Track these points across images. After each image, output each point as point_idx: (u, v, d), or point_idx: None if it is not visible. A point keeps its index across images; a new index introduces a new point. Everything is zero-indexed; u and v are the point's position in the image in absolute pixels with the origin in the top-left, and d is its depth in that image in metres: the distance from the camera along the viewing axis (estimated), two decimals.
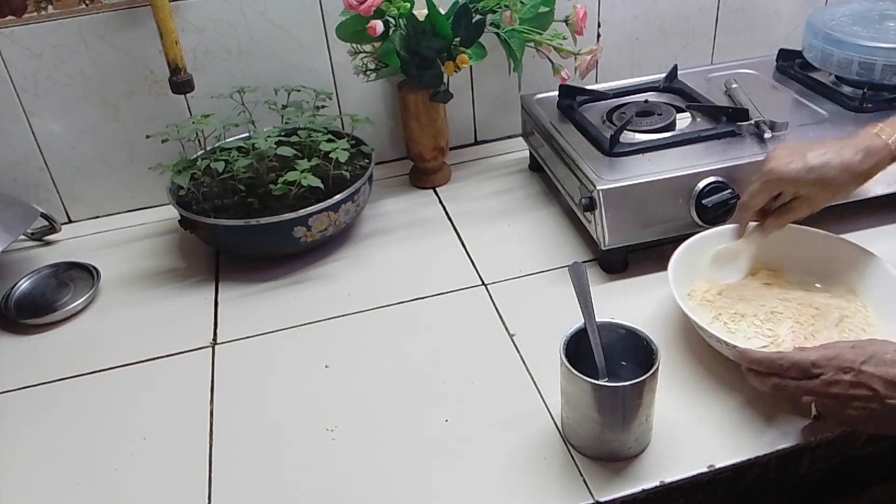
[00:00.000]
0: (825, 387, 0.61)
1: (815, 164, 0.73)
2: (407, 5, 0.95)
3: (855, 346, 0.62)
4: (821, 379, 0.61)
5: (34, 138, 1.03)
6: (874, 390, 0.59)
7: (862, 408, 0.60)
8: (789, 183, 0.74)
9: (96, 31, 0.98)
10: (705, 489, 0.66)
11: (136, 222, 1.10)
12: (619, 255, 0.90)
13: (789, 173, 0.73)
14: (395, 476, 0.67)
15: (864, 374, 0.60)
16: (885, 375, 0.59)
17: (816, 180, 0.72)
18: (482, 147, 1.22)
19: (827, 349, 0.63)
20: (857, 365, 0.60)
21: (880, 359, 0.60)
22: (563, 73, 1.03)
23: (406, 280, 0.92)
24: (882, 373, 0.59)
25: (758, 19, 1.24)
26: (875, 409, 0.60)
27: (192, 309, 0.91)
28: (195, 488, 0.68)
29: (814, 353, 0.63)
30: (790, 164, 0.73)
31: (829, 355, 0.62)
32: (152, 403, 0.78)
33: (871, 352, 0.61)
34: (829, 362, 0.61)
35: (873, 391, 0.59)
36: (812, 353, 0.63)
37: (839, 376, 0.61)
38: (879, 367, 0.60)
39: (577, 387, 0.63)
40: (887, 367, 0.60)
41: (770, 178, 0.75)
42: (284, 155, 0.91)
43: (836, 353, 0.62)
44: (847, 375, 0.60)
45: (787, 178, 0.73)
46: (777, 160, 0.75)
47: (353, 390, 0.77)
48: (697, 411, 0.70)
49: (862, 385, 0.60)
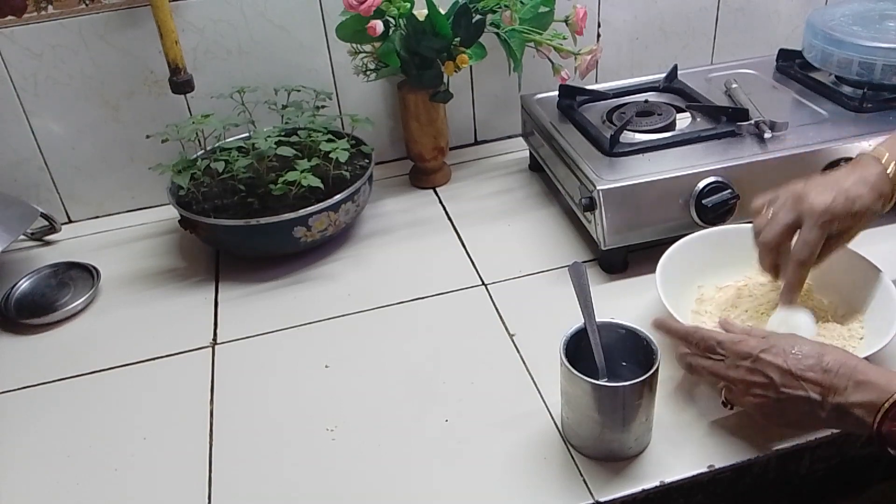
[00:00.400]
0: (726, 370, 0.63)
1: (854, 194, 0.69)
2: (407, 5, 0.95)
3: (766, 336, 0.64)
4: (724, 362, 0.64)
5: (34, 138, 1.03)
6: (769, 378, 0.60)
7: (760, 395, 0.62)
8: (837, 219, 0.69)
9: (96, 31, 0.98)
10: (705, 489, 0.66)
11: (136, 222, 1.10)
12: (619, 255, 0.90)
13: (839, 209, 0.69)
14: (395, 476, 0.67)
15: (760, 362, 0.61)
16: (781, 364, 0.60)
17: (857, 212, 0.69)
18: (482, 147, 1.22)
19: (735, 334, 0.65)
20: (755, 352, 0.62)
21: (780, 349, 0.61)
22: (563, 73, 1.03)
23: (406, 280, 0.92)
24: (780, 362, 0.60)
25: (758, 19, 1.24)
26: (771, 397, 0.61)
27: (192, 309, 0.91)
28: (195, 488, 0.68)
29: (723, 335, 0.65)
30: (836, 200, 0.69)
31: (734, 339, 0.64)
32: (152, 403, 0.78)
33: (774, 342, 0.62)
34: (732, 346, 0.63)
35: (768, 379, 0.61)
36: (721, 335, 0.65)
37: (739, 361, 0.62)
38: (777, 357, 0.61)
39: (577, 387, 0.63)
40: (785, 356, 0.60)
41: (825, 219, 0.69)
42: (284, 155, 0.91)
43: (741, 339, 0.63)
44: (746, 361, 0.62)
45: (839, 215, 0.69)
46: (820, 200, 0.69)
47: (353, 390, 0.77)
48: (697, 411, 0.70)
49: (758, 372, 0.61)
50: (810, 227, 0.69)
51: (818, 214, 0.69)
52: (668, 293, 0.75)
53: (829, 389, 0.59)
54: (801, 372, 0.60)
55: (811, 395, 0.59)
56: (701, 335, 0.66)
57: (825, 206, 0.69)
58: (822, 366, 0.59)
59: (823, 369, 0.59)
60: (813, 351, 0.61)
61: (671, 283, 0.77)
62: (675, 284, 0.79)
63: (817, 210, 0.69)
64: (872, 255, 0.77)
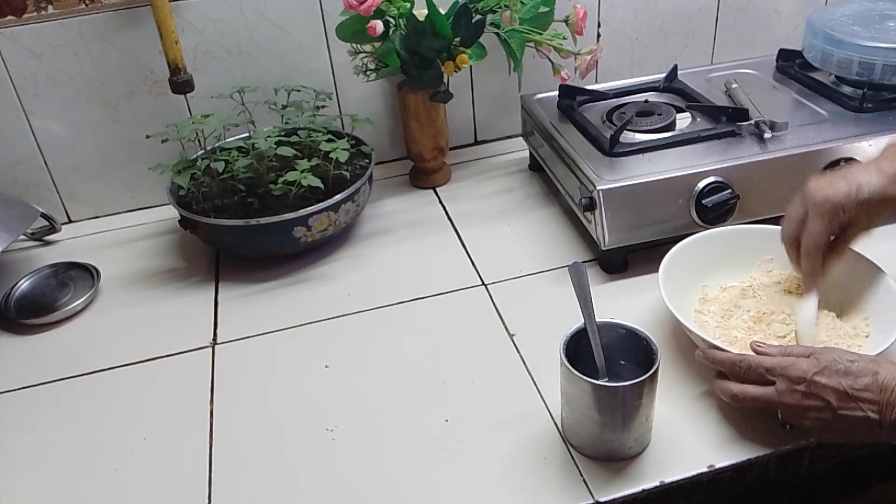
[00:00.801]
0: (779, 397, 0.62)
1: (862, 181, 0.69)
2: (407, 5, 0.95)
3: (811, 354, 0.62)
4: (775, 388, 0.62)
5: (34, 138, 1.03)
6: (826, 401, 0.59)
7: (816, 418, 0.60)
8: (843, 208, 0.69)
9: (96, 31, 0.98)
10: (705, 489, 0.66)
11: (136, 222, 1.10)
12: (619, 255, 0.90)
13: (840, 196, 0.69)
14: (395, 476, 0.67)
15: (816, 385, 0.60)
16: (837, 387, 0.59)
17: (866, 200, 0.69)
18: (482, 147, 1.22)
19: (784, 357, 0.63)
20: (809, 376, 0.60)
21: (833, 369, 0.60)
22: (563, 73, 1.03)
23: (406, 280, 0.92)
24: (835, 384, 0.59)
25: (758, 19, 1.24)
26: (829, 419, 0.60)
27: (192, 309, 0.91)
28: (195, 488, 0.68)
29: (770, 360, 0.63)
30: (837, 187, 0.69)
31: (784, 363, 0.62)
32: (152, 403, 0.78)
33: (825, 362, 0.60)
34: (783, 371, 0.61)
35: (825, 402, 0.59)
36: (767, 360, 0.63)
37: (793, 386, 0.61)
38: (832, 378, 0.59)
39: (577, 387, 0.63)
40: (840, 377, 0.59)
41: (825, 208, 0.69)
42: (284, 155, 0.91)
43: (791, 363, 0.62)
44: (800, 386, 0.60)
45: (840, 202, 0.69)
46: (821, 188, 0.70)
47: (353, 390, 0.77)
48: (697, 411, 0.70)
49: (814, 396, 0.60)
50: (812, 217, 0.70)
51: (818, 204, 0.69)
52: (670, 294, 0.75)
53: (886, 407, 0.58)
54: (857, 393, 0.58)
55: (869, 414, 0.58)
56: (748, 363, 0.64)
57: (825, 196, 0.69)
58: (878, 384, 0.58)
59: (880, 387, 0.58)
60: (867, 368, 0.59)
61: (673, 283, 0.77)
62: (677, 285, 0.79)
63: (818, 200, 0.69)
64: (873, 254, 0.77)
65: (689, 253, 0.81)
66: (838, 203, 0.69)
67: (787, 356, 0.63)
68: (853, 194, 0.69)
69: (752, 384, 0.64)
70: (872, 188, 0.68)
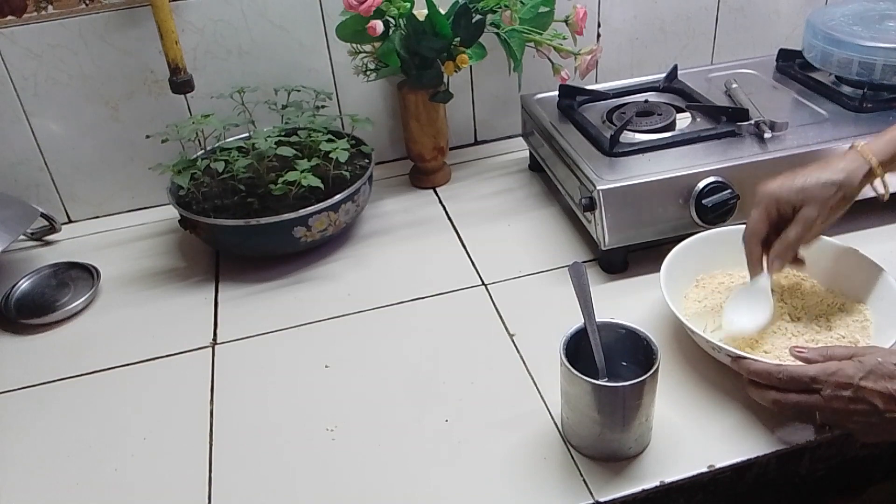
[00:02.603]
0: (825, 402, 0.61)
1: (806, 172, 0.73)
2: (407, 5, 0.95)
3: (854, 356, 0.62)
4: (821, 395, 0.61)
5: (34, 138, 1.03)
6: (873, 405, 0.59)
7: (862, 422, 0.60)
8: (779, 198, 0.73)
9: (96, 31, 0.98)
10: (705, 489, 0.66)
11: (136, 222, 1.10)
12: (619, 255, 0.90)
13: (777, 188, 0.73)
14: (395, 476, 0.67)
15: (863, 391, 0.59)
16: (884, 391, 0.59)
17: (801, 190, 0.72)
18: (482, 147, 1.22)
19: (827, 363, 0.62)
20: (856, 381, 0.60)
21: (879, 373, 0.60)
22: (563, 73, 1.03)
23: (406, 280, 0.92)
24: (881, 388, 0.59)
25: (758, 19, 1.24)
26: (875, 422, 0.60)
27: (192, 309, 0.91)
28: (195, 488, 0.68)
29: (813, 367, 0.62)
30: (779, 182, 0.74)
31: (828, 370, 0.61)
32: (152, 403, 0.78)
33: (870, 366, 0.60)
34: (828, 378, 0.61)
35: (872, 406, 0.59)
36: (811, 368, 0.62)
37: (838, 392, 0.60)
38: (879, 383, 0.59)
39: (577, 387, 0.63)
40: (886, 381, 0.59)
41: (761, 198, 0.74)
42: (284, 155, 0.91)
43: (836, 369, 0.61)
44: (846, 391, 0.60)
45: (777, 193, 0.73)
46: (766, 183, 0.75)
47: (353, 390, 0.77)
48: (697, 411, 0.70)
49: (861, 401, 0.60)
50: (753, 210, 0.75)
51: (758, 195, 0.74)
52: (671, 294, 0.75)
53: None
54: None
55: None
56: (788, 373, 0.63)
57: (766, 188, 0.74)
58: None
59: None
60: None
61: (674, 283, 0.77)
62: (678, 285, 0.79)
63: (759, 191, 0.74)
64: (873, 255, 0.77)
65: (689, 253, 0.81)
66: (773, 192, 0.73)
67: (829, 359, 0.63)
68: (795, 188, 0.72)
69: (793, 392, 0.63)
70: (817, 182, 0.72)
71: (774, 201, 0.73)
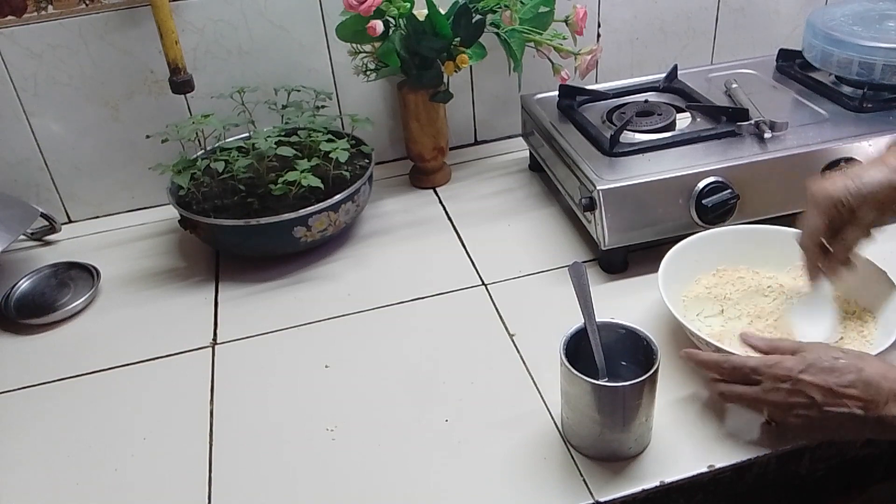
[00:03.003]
0: (765, 394, 0.62)
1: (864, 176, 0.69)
2: (407, 5, 0.95)
3: (797, 351, 0.62)
4: (761, 387, 0.62)
5: (34, 138, 1.03)
6: (811, 398, 0.59)
7: (803, 416, 0.61)
8: (839, 201, 0.69)
9: (96, 31, 0.98)
10: (705, 489, 0.66)
11: (136, 222, 1.10)
12: (619, 255, 0.90)
13: (836, 190, 0.69)
14: (395, 476, 0.67)
15: (801, 383, 0.60)
16: (822, 384, 0.59)
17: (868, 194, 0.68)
18: (482, 147, 1.22)
19: (768, 356, 0.63)
20: (794, 373, 0.60)
21: (818, 367, 0.60)
22: (563, 73, 1.03)
23: (406, 280, 0.92)
24: (820, 381, 0.59)
25: (758, 19, 1.24)
26: (815, 416, 0.60)
27: (192, 309, 0.91)
28: (195, 488, 0.68)
29: (754, 359, 0.63)
30: (836, 183, 0.69)
31: (769, 362, 0.62)
32: (152, 403, 0.78)
33: (811, 359, 0.61)
34: (768, 370, 0.62)
35: (811, 399, 0.60)
36: (752, 360, 0.63)
37: (777, 384, 0.61)
38: (817, 376, 0.60)
39: (577, 387, 0.63)
40: (825, 374, 0.59)
41: (818, 201, 0.69)
42: (284, 155, 0.91)
43: (775, 361, 0.62)
44: (785, 384, 0.60)
45: (836, 196, 0.68)
46: (821, 185, 0.70)
47: (353, 390, 0.77)
48: (697, 411, 0.70)
49: (800, 393, 0.60)
50: (810, 212, 0.70)
51: (816, 199, 0.70)
52: (670, 294, 0.75)
53: (871, 404, 0.58)
54: (842, 389, 0.59)
55: (854, 411, 0.58)
56: (731, 363, 0.64)
57: (825, 192, 0.69)
58: (862, 380, 0.58)
59: (864, 383, 0.58)
60: (851, 365, 0.60)
61: (673, 283, 0.77)
62: (677, 285, 0.79)
63: (817, 195, 0.70)
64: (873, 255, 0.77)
65: (688, 253, 0.81)
66: (836, 197, 0.68)
67: (773, 351, 0.64)
68: (853, 188, 0.68)
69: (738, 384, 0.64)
70: (875, 182, 0.68)
71: (833, 204, 0.69)
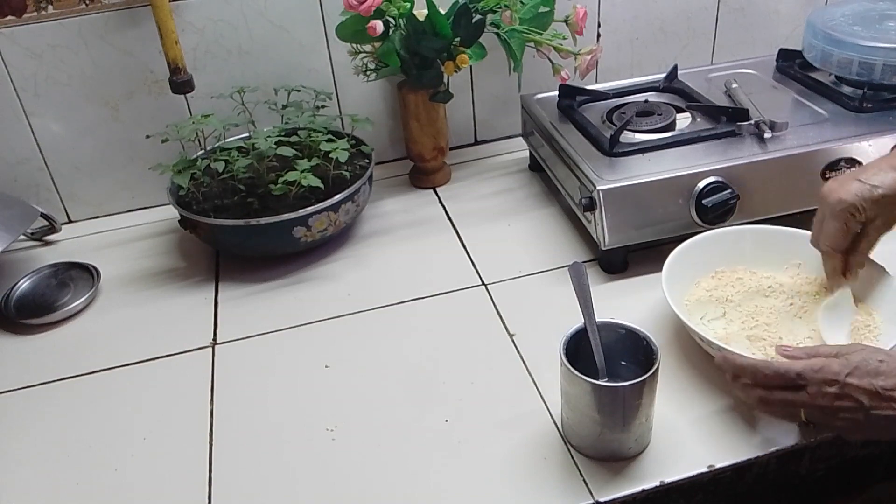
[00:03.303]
0: (811, 399, 0.61)
1: (876, 180, 0.70)
2: (407, 5, 0.95)
3: (839, 354, 0.62)
4: (806, 391, 0.61)
5: (34, 138, 1.03)
6: (859, 402, 0.59)
7: (849, 419, 0.60)
8: (858, 209, 0.70)
9: (96, 31, 0.98)
10: (705, 489, 0.66)
11: (136, 222, 1.10)
12: (619, 255, 0.90)
13: (853, 198, 0.69)
14: (395, 476, 0.67)
15: (849, 387, 0.59)
16: (869, 387, 0.59)
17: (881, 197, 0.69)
18: (482, 147, 1.22)
19: (812, 360, 0.62)
20: (841, 377, 0.59)
21: (864, 370, 0.59)
22: (563, 73, 1.03)
23: (406, 280, 0.92)
24: (867, 384, 0.59)
25: (758, 19, 1.24)
26: (861, 419, 0.59)
27: (192, 309, 0.91)
28: (195, 488, 0.68)
29: (799, 363, 0.62)
30: (850, 188, 0.70)
31: (814, 367, 0.61)
32: (152, 403, 0.78)
33: (855, 362, 0.60)
34: (814, 375, 0.60)
35: (858, 403, 0.59)
36: (797, 364, 0.62)
37: (824, 388, 0.60)
38: (864, 379, 0.59)
39: (577, 387, 0.63)
40: (872, 377, 0.59)
41: (839, 209, 0.70)
42: (284, 155, 0.91)
43: (821, 365, 0.61)
44: (832, 388, 0.60)
45: (855, 204, 0.69)
46: (834, 190, 0.71)
47: (353, 390, 0.77)
48: (697, 411, 0.70)
49: (847, 397, 0.59)
50: (828, 220, 0.71)
51: (832, 206, 0.70)
52: (672, 294, 0.75)
53: None
54: (889, 392, 0.58)
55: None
56: (775, 369, 0.61)
57: (839, 198, 0.70)
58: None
59: None
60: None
61: (675, 284, 0.77)
62: (679, 285, 0.79)
63: (832, 202, 0.70)
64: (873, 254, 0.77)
65: (690, 254, 0.81)
66: (851, 203, 0.69)
67: (815, 357, 0.62)
68: (867, 193, 0.69)
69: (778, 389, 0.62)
70: (886, 185, 0.69)
71: (852, 213, 0.70)
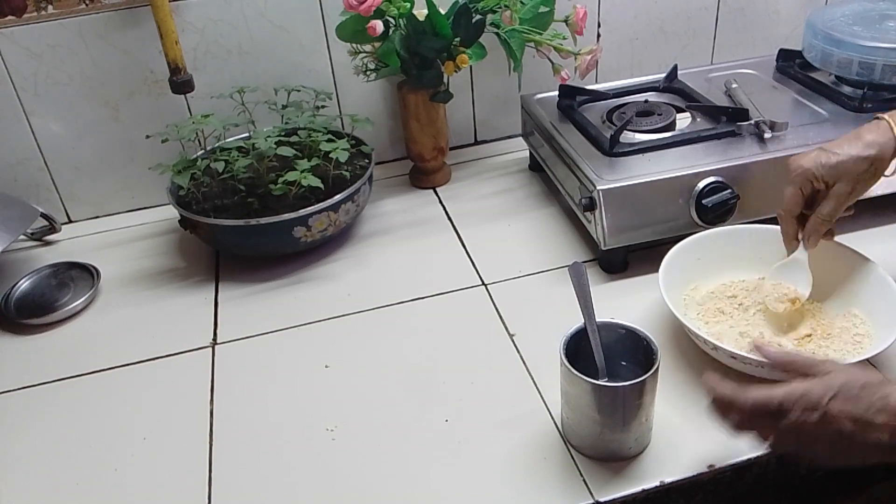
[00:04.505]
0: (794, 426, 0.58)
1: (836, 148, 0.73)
2: (407, 5, 0.95)
3: (814, 367, 0.60)
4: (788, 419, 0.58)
5: (34, 138, 1.03)
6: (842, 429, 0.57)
7: (830, 445, 0.58)
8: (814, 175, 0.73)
9: (96, 31, 0.98)
10: (705, 489, 0.66)
11: (136, 222, 1.10)
12: (619, 255, 0.90)
13: (811, 165, 0.73)
14: (395, 476, 0.67)
15: (829, 414, 0.57)
16: (851, 412, 0.57)
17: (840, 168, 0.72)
18: (482, 147, 1.22)
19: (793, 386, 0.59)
20: (823, 402, 0.57)
21: (846, 395, 0.57)
22: (563, 73, 1.03)
23: (406, 280, 0.92)
24: (849, 409, 0.57)
25: (758, 19, 1.24)
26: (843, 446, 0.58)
27: (192, 309, 0.91)
28: (195, 488, 0.68)
29: (777, 393, 0.59)
30: (810, 155, 0.74)
31: (795, 394, 0.58)
32: (152, 403, 0.78)
33: (837, 385, 0.58)
34: (795, 402, 0.58)
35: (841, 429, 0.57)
36: (776, 394, 0.59)
37: (806, 416, 0.58)
38: (847, 404, 0.57)
39: (577, 387, 0.63)
40: (854, 402, 0.57)
41: (795, 175, 0.74)
42: (284, 155, 0.91)
43: (802, 391, 0.58)
44: (814, 414, 0.58)
45: (811, 171, 0.73)
46: (796, 158, 0.75)
47: (353, 390, 0.77)
48: (697, 411, 0.70)
49: (828, 424, 0.57)
50: (786, 184, 0.75)
51: (791, 171, 0.75)
52: (670, 294, 0.75)
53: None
54: (871, 417, 0.56)
55: (881, 439, 0.56)
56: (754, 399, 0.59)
57: (798, 164, 0.74)
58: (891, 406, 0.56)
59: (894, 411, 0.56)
60: (880, 390, 0.57)
61: (673, 283, 0.77)
62: (677, 285, 0.79)
63: (791, 168, 0.75)
64: (873, 255, 0.77)
65: (689, 253, 0.81)
66: (808, 168, 0.73)
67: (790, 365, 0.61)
68: (824, 159, 0.73)
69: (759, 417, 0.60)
70: (847, 156, 0.72)
71: (809, 179, 0.73)
